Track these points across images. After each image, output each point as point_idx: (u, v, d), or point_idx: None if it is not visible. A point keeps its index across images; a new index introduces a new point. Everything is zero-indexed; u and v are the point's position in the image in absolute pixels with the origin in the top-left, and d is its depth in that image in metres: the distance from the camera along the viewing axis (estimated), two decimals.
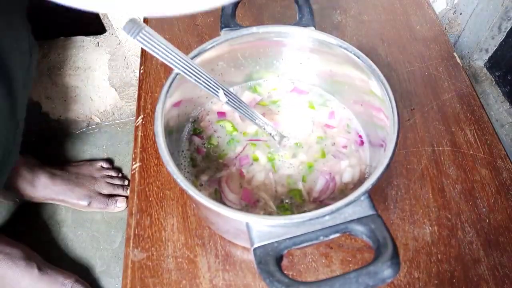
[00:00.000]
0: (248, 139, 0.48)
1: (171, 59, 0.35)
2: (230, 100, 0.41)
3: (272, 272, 0.30)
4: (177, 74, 0.41)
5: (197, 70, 0.37)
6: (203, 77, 0.38)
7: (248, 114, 0.44)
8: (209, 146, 0.47)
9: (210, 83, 0.39)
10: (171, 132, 0.43)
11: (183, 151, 0.47)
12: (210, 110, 0.50)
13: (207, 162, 0.46)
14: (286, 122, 0.49)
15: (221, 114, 0.50)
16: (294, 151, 0.47)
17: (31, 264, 0.82)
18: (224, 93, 0.40)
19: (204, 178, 0.45)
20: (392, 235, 0.31)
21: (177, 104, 0.44)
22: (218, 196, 0.44)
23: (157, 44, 0.34)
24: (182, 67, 0.36)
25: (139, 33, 0.32)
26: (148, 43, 0.33)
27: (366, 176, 0.45)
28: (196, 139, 0.48)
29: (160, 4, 0.24)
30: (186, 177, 0.45)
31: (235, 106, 0.42)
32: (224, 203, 0.43)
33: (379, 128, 0.43)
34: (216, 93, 0.40)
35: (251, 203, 0.43)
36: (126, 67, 1.04)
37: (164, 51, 0.34)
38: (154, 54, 0.34)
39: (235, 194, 0.44)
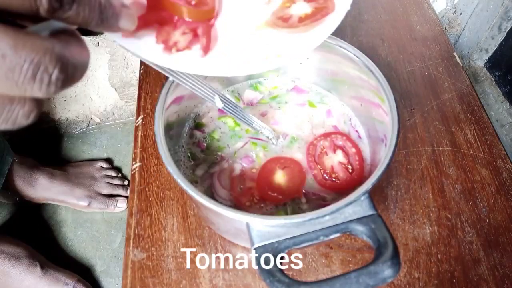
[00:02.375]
0: (250, 136, 0.48)
1: None
2: (226, 105, 0.42)
3: (272, 272, 0.30)
4: None
5: (192, 77, 0.38)
6: (198, 84, 0.38)
7: (244, 119, 0.44)
8: (210, 139, 0.48)
9: (206, 90, 0.39)
10: (171, 127, 0.43)
11: (183, 146, 0.47)
12: (212, 107, 0.50)
13: (205, 154, 0.47)
14: (286, 121, 0.49)
15: (222, 111, 0.50)
16: (291, 149, 0.47)
17: (34, 263, 0.82)
18: (220, 99, 0.41)
19: (199, 173, 0.45)
20: (392, 235, 0.31)
21: (178, 100, 0.44)
22: (210, 192, 0.44)
23: None
24: (177, 74, 0.36)
25: None
26: None
27: (366, 175, 0.45)
28: (198, 133, 0.48)
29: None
30: (184, 173, 0.45)
31: (231, 111, 0.43)
32: (215, 199, 0.43)
33: (378, 123, 0.43)
34: (212, 99, 0.40)
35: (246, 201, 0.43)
36: (126, 67, 1.04)
37: None
38: (148, 63, 0.34)
39: (226, 190, 0.44)
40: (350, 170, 0.45)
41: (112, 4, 0.21)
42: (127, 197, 1.00)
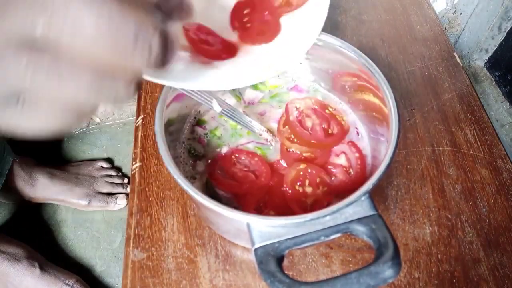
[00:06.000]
0: (254, 140, 0.48)
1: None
2: (224, 109, 0.42)
3: (273, 273, 0.30)
4: None
5: None
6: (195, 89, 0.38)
7: (243, 122, 0.44)
8: (211, 136, 0.48)
9: (203, 94, 0.39)
10: (172, 123, 0.43)
11: (183, 142, 0.47)
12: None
13: (206, 151, 0.47)
14: None
15: None
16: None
17: (33, 263, 0.82)
18: (218, 103, 0.41)
19: (199, 168, 0.45)
20: (393, 235, 0.31)
21: (179, 98, 0.43)
22: (210, 186, 0.44)
23: None
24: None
25: None
26: None
27: (366, 175, 0.45)
28: (199, 129, 0.48)
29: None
30: (184, 169, 0.45)
31: (229, 115, 0.42)
32: (217, 194, 0.43)
33: (378, 123, 0.43)
34: (210, 103, 0.40)
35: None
36: None
37: None
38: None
39: None
40: (351, 173, 0.45)
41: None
42: (127, 194, 1.00)
